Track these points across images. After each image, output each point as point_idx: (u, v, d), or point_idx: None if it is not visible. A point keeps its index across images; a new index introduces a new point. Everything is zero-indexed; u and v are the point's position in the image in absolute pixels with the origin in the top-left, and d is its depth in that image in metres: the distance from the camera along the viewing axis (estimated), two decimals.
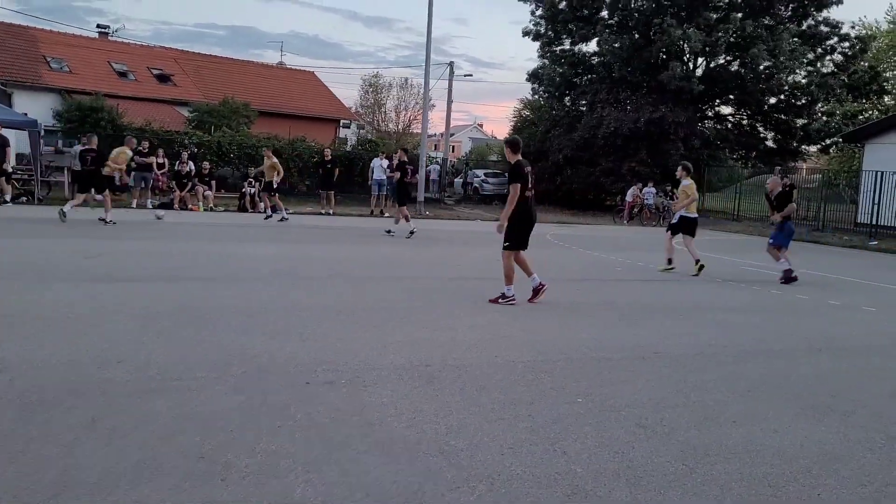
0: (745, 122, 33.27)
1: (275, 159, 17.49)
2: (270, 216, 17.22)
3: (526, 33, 32.70)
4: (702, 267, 11.32)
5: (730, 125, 33.56)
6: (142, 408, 3.94)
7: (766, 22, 29.18)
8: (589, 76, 32.72)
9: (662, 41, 28.13)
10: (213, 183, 21.07)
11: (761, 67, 28.89)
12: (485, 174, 34.41)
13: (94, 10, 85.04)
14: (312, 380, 4.62)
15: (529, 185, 7.60)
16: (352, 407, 4.17)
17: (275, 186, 17.35)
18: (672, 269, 11.53)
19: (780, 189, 11.42)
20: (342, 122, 40.78)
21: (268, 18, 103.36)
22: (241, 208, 20.25)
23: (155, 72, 33.27)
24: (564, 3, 31.45)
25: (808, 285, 10.94)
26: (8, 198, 16.69)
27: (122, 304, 6.56)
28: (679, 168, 11.68)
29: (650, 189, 26.29)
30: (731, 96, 31.53)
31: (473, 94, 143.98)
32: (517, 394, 4.60)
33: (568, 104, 33.81)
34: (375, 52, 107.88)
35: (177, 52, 36.59)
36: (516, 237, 7.66)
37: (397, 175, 15.62)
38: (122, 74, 32.00)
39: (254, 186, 20.56)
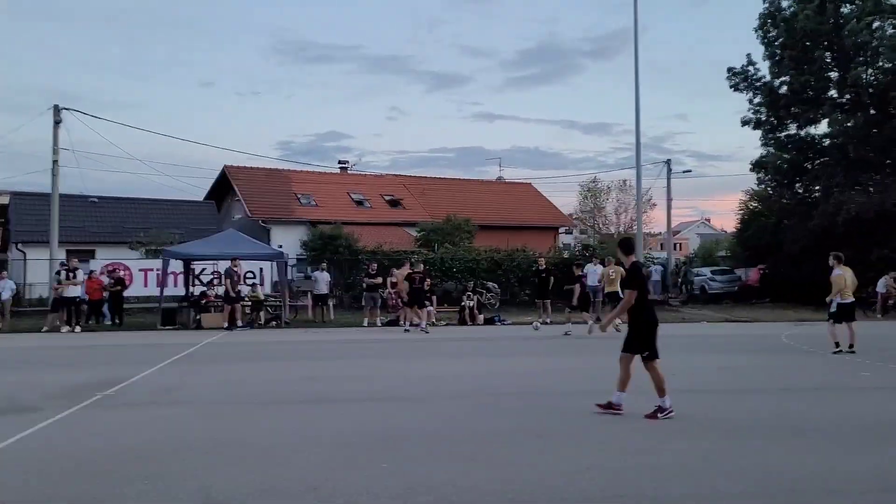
0: None
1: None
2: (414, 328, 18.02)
3: (745, 122, 31.29)
4: (840, 351, 12.58)
5: None
6: None
7: None
8: (821, 160, 30.32)
9: None
10: (434, 298, 22.20)
11: None
12: (711, 272, 32.87)
13: (343, 148, 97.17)
14: None
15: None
16: None
17: None
18: (840, 351, 12.60)
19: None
20: (561, 228, 41.45)
21: (492, 137, 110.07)
22: (461, 321, 21.08)
23: (387, 198, 36.65)
24: (785, 87, 29.87)
25: None
26: (240, 323, 19.00)
27: (321, 429, 6.94)
28: (830, 257, 12.95)
29: None
30: None
31: (700, 189, 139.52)
32: None
33: (799, 191, 31.42)
34: (595, 156, 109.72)
35: (405, 178, 40.12)
36: (653, 343, 7.30)
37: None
38: (359, 203, 35.66)
39: (472, 300, 21.39)
